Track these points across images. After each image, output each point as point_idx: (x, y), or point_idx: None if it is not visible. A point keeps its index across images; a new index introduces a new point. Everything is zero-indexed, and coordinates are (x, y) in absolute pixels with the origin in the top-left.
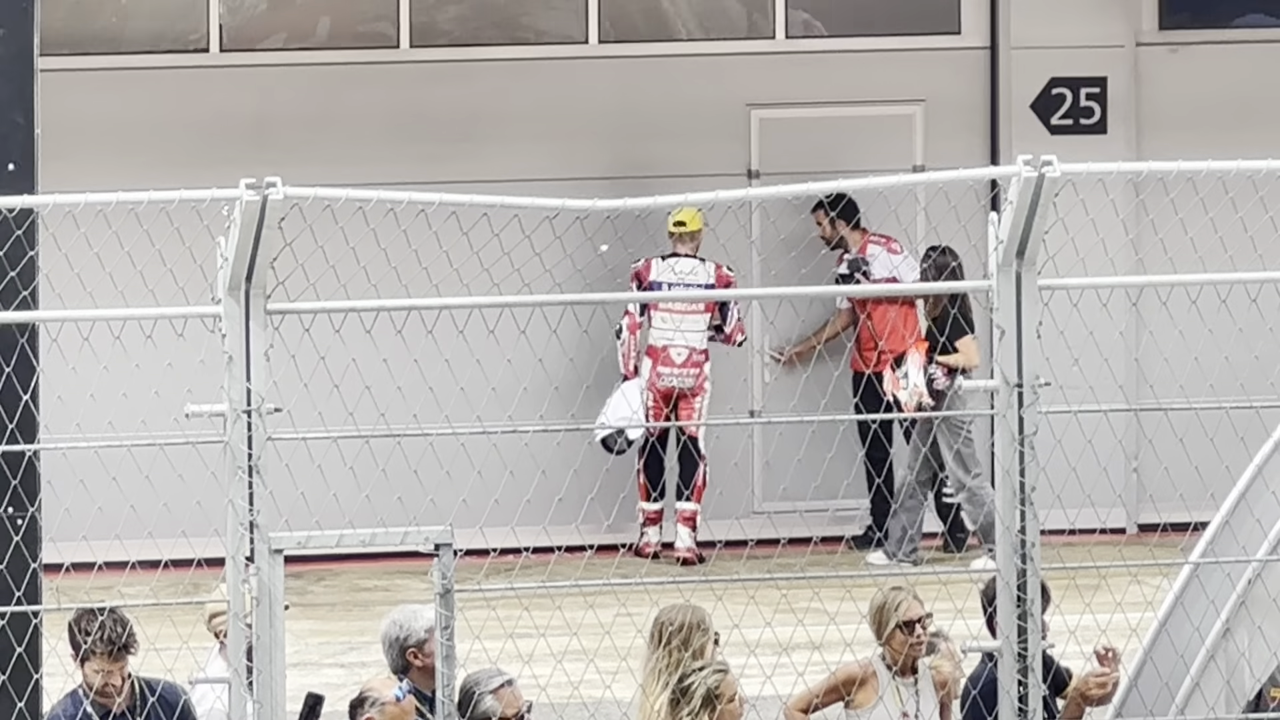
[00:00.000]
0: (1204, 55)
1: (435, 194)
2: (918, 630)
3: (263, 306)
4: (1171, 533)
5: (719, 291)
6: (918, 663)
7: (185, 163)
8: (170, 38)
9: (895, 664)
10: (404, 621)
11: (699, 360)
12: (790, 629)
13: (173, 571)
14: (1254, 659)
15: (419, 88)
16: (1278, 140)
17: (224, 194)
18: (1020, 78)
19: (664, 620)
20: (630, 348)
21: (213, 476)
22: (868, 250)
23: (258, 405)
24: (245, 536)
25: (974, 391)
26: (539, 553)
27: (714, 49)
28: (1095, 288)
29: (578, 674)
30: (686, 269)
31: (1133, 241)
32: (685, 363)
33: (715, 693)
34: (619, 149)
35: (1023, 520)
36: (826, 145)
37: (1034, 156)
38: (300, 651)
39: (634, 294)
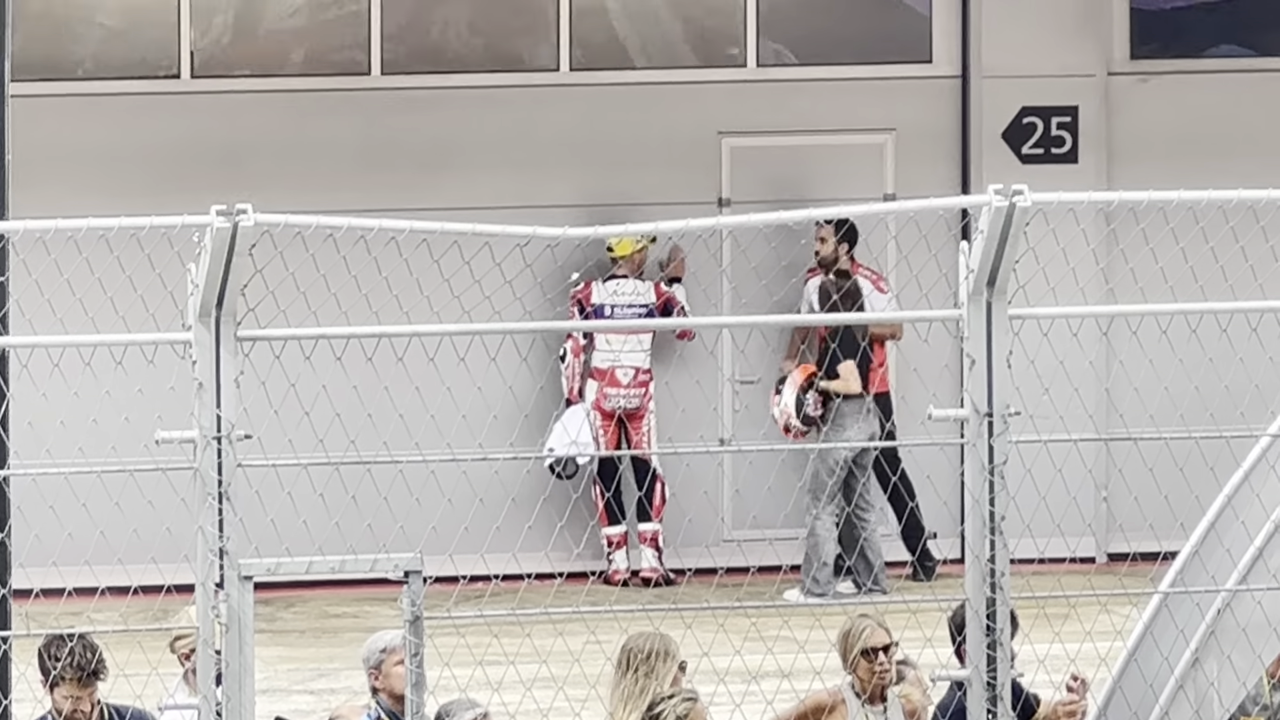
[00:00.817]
0: (1175, 85)
1: (406, 221)
2: (882, 658)
3: (233, 333)
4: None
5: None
6: (887, 691)
7: (156, 189)
8: (142, 64)
9: (864, 692)
10: (370, 643)
11: (645, 380)
12: (759, 657)
13: (142, 598)
14: (1223, 689)
15: (390, 115)
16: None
17: (195, 220)
18: (991, 107)
19: (631, 647)
20: (574, 371)
21: (183, 503)
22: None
23: (228, 432)
24: (215, 563)
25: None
26: (508, 580)
27: (685, 77)
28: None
29: (547, 701)
30: (628, 290)
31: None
32: (632, 383)
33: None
34: (590, 177)
35: (992, 549)
36: (797, 174)
37: (1005, 186)
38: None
39: (602, 323)
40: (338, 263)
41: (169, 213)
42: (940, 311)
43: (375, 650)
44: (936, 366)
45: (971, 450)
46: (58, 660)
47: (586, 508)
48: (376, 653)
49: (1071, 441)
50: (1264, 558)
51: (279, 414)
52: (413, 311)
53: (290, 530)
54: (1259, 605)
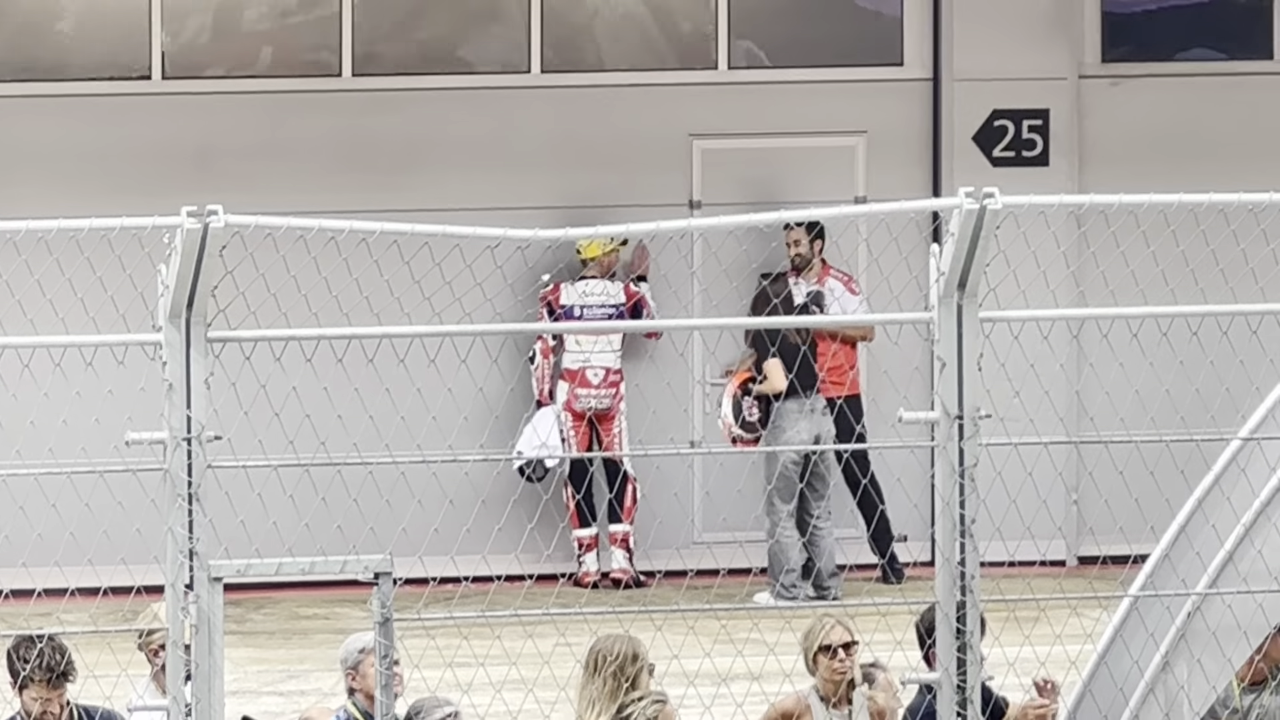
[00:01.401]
0: (1146, 88)
1: (377, 223)
2: (841, 655)
3: (203, 334)
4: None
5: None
6: (853, 695)
7: (127, 190)
8: (113, 65)
9: (828, 695)
10: (348, 643)
11: (615, 380)
12: (729, 659)
13: (112, 599)
14: (1193, 692)
15: (361, 116)
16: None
17: (165, 222)
18: (962, 110)
19: (599, 649)
20: (544, 372)
21: (152, 504)
22: (826, 283)
23: (198, 433)
24: (184, 564)
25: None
26: (478, 582)
27: (656, 79)
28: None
29: (516, 703)
30: (597, 291)
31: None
32: (602, 383)
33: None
34: (561, 179)
35: (962, 552)
36: (768, 176)
37: (976, 188)
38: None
39: (573, 324)
40: (309, 264)
41: (140, 214)
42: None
43: (353, 651)
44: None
45: (942, 453)
46: (26, 661)
47: (556, 509)
48: (355, 653)
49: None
50: (1234, 561)
51: (249, 415)
52: (383, 313)
53: (260, 532)
54: (1229, 609)
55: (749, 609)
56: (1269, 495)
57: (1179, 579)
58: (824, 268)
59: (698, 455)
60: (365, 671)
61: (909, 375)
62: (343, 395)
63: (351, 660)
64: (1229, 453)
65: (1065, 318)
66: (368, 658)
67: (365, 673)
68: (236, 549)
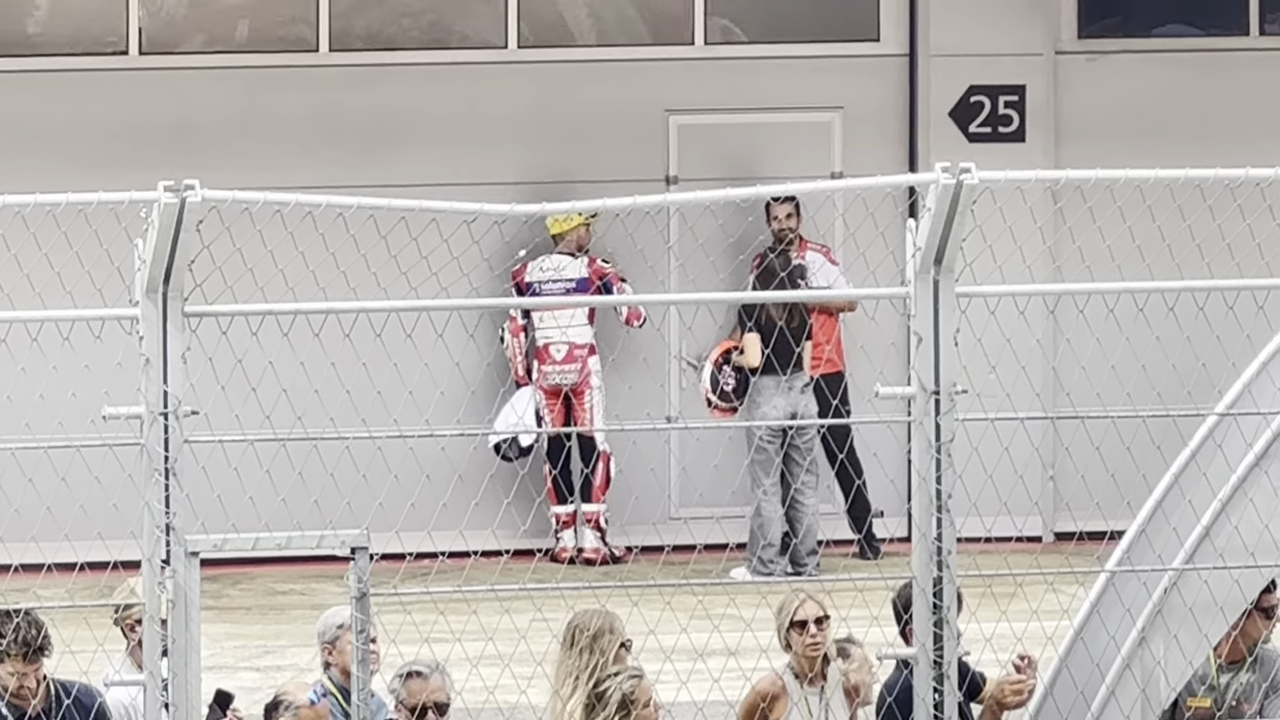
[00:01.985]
0: (1123, 64)
1: (353, 198)
2: (813, 630)
3: (180, 309)
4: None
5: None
6: (828, 671)
7: (103, 165)
8: (89, 40)
9: (802, 672)
10: (326, 617)
11: (580, 355)
12: (706, 635)
13: (89, 574)
14: (1170, 668)
15: (338, 91)
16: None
17: (142, 196)
18: (939, 85)
19: (576, 624)
20: (515, 351)
21: (129, 479)
22: (806, 256)
23: (174, 408)
24: (161, 539)
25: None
26: (455, 557)
27: (633, 54)
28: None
29: (493, 679)
30: (553, 265)
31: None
32: (565, 359)
33: (630, 698)
34: (538, 154)
35: (939, 528)
36: (745, 151)
37: (952, 164)
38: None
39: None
40: (285, 239)
41: (117, 188)
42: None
43: (332, 625)
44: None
45: (918, 428)
46: (2, 636)
47: (533, 485)
48: (333, 628)
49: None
50: (1210, 537)
51: (226, 390)
52: (360, 288)
53: (237, 507)
54: (1205, 584)
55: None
56: (1245, 471)
57: (1155, 555)
58: (801, 243)
59: (674, 431)
60: (343, 647)
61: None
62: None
63: (329, 635)
64: (1205, 428)
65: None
66: (347, 634)
67: (343, 648)
68: (213, 524)
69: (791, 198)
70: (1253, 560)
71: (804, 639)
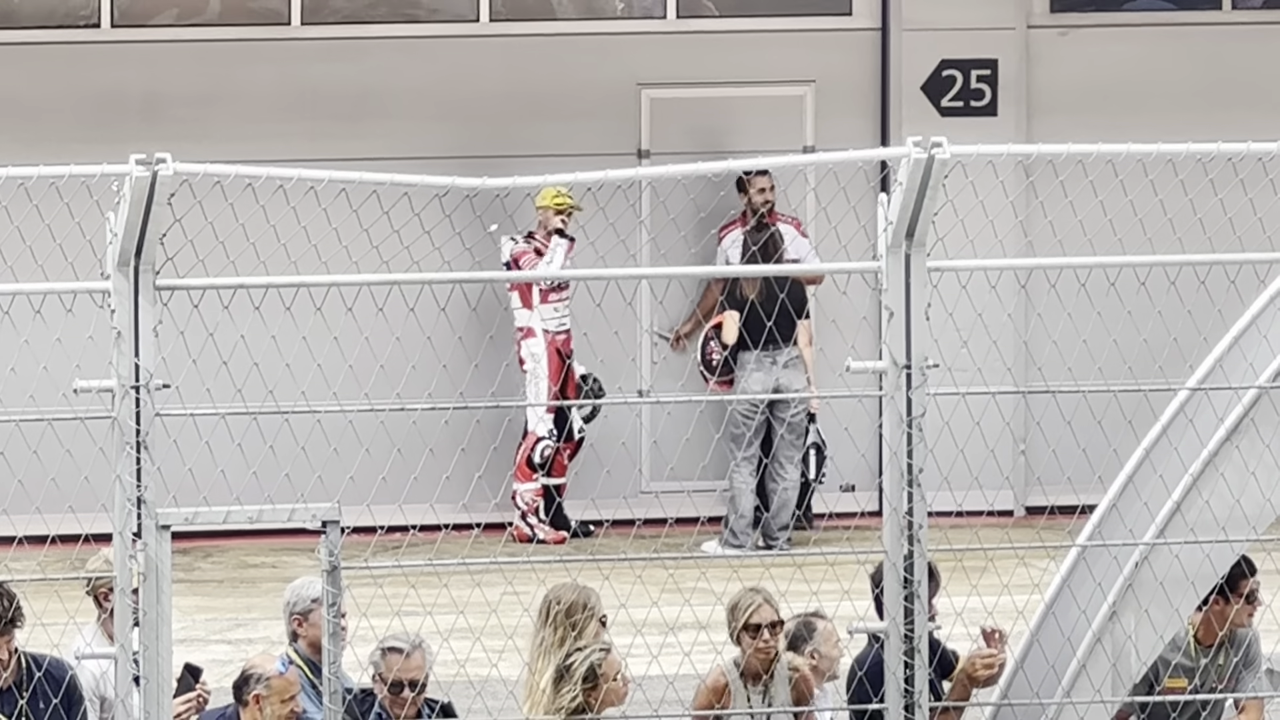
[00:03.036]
0: (1094, 38)
1: (324, 171)
2: (765, 635)
3: (152, 282)
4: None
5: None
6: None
7: (75, 138)
8: (61, 13)
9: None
10: (297, 588)
11: (517, 338)
12: (677, 609)
13: (60, 547)
14: (1140, 642)
15: (310, 65)
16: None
17: (114, 170)
18: (911, 59)
19: (552, 599)
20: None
21: (101, 452)
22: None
23: (146, 381)
24: (133, 512)
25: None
26: (426, 530)
27: (605, 28)
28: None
29: (464, 652)
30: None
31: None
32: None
33: (598, 671)
34: (510, 128)
35: (910, 502)
36: (717, 125)
37: (924, 138)
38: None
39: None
40: (257, 212)
41: (89, 162)
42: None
43: (306, 598)
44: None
45: (890, 402)
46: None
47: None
48: (307, 600)
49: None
50: (1181, 511)
51: (197, 364)
52: (331, 261)
53: (208, 480)
54: (1176, 559)
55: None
56: (1216, 446)
57: (1126, 529)
58: (771, 214)
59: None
60: (315, 620)
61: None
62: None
63: (302, 607)
64: (1176, 403)
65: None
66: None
67: (315, 621)
68: (184, 497)
69: (766, 170)
70: (1224, 535)
71: (756, 642)
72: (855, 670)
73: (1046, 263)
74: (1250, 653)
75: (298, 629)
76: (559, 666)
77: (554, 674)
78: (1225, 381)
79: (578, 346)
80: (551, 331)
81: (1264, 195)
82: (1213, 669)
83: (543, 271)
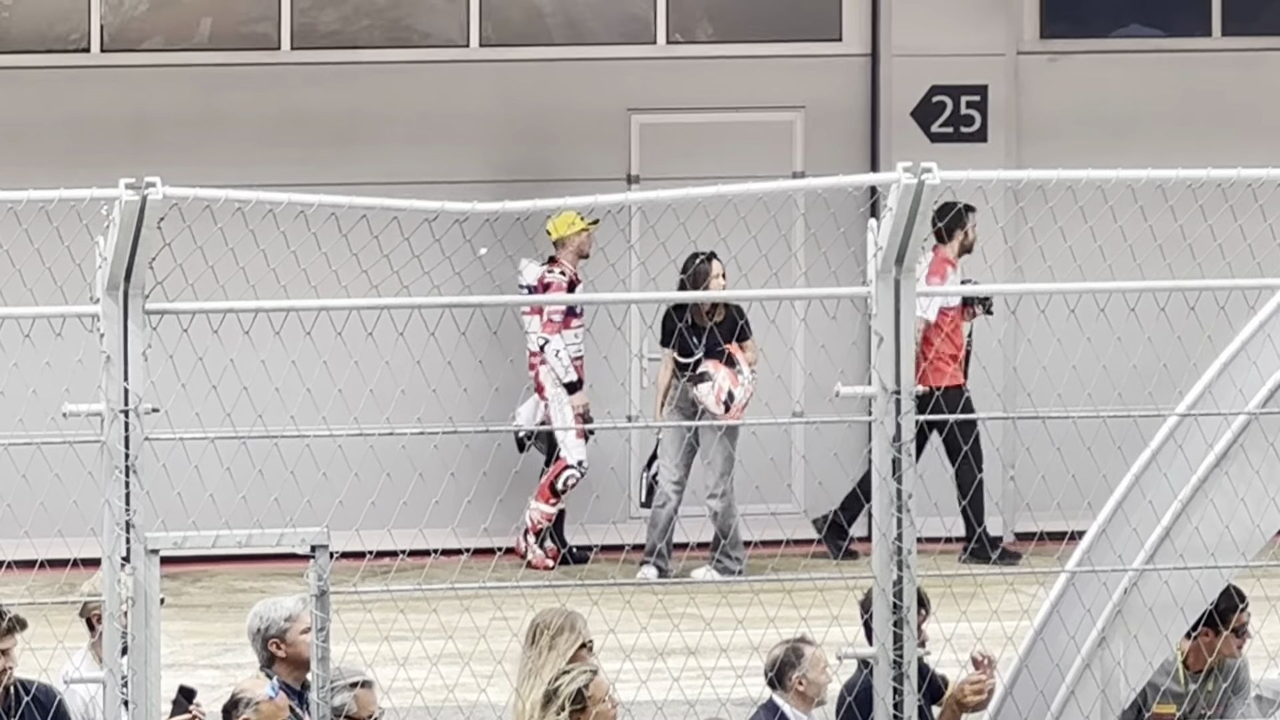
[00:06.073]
0: (1084, 65)
1: (314, 195)
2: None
3: (141, 306)
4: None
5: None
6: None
7: (65, 162)
8: (51, 38)
9: None
10: (264, 613)
11: (534, 363)
12: (666, 634)
13: (49, 571)
14: (1129, 668)
15: (300, 89)
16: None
17: (103, 194)
18: (901, 85)
19: (538, 622)
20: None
21: (90, 476)
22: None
23: (135, 405)
24: (121, 536)
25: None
26: (415, 555)
27: (595, 53)
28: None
29: (453, 677)
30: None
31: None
32: (528, 365)
33: (586, 693)
34: (500, 152)
35: (899, 527)
36: (707, 150)
37: (914, 163)
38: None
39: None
40: (246, 237)
41: (78, 186)
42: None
43: (278, 619)
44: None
45: (879, 427)
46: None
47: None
48: (280, 621)
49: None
50: (1170, 537)
51: (186, 388)
52: (321, 286)
53: (197, 504)
54: (1165, 585)
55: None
56: (1205, 472)
57: (1115, 555)
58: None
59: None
60: (292, 639)
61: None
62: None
63: (276, 629)
64: (1165, 429)
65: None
66: (295, 625)
67: (292, 640)
68: (173, 522)
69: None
70: (1213, 561)
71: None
72: (844, 696)
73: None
74: (1239, 679)
75: (276, 652)
76: (546, 689)
77: (542, 697)
78: (1214, 407)
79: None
80: (570, 356)
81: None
82: (1202, 695)
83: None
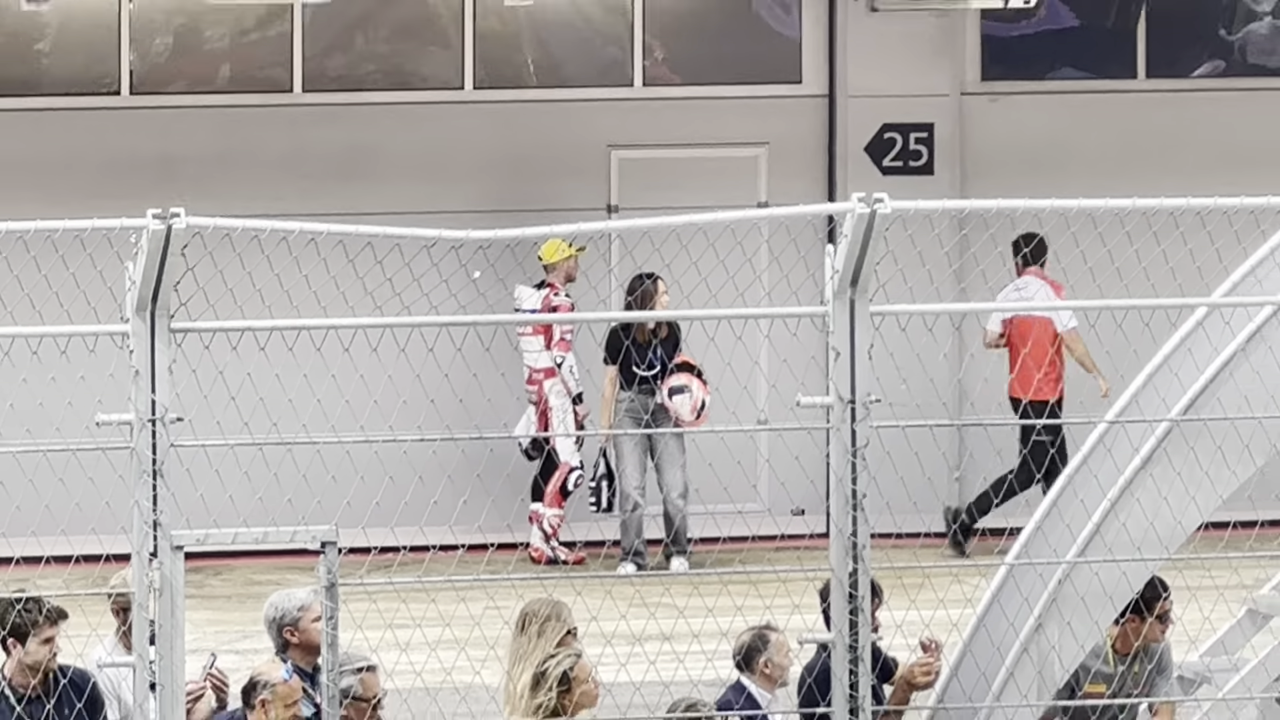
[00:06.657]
0: (1022, 105)
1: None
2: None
3: (167, 325)
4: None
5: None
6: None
7: (97, 195)
8: (85, 81)
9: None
10: (279, 603)
11: (538, 379)
12: (643, 622)
13: (83, 565)
14: (1063, 652)
15: (311, 128)
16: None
17: (132, 223)
18: (855, 123)
19: (528, 611)
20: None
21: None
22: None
23: (161, 415)
24: (149, 534)
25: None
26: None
27: (579, 95)
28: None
29: (450, 661)
30: (520, 295)
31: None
32: (528, 380)
33: (572, 675)
34: (492, 185)
35: (854, 525)
36: (679, 183)
37: (867, 194)
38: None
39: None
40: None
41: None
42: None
43: (291, 609)
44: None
45: (836, 434)
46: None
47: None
48: (293, 610)
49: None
50: (1100, 533)
51: (208, 399)
52: (329, 306)
53: (218, 505)
54: (1096, 576)
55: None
56: (1132, 474)
57: (1051, 549)
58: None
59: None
60: (304, 626)
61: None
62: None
63: (290, 618)
64: (1096, 435)
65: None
66: (307, 614)
67: (304, 627)
68: (197, 520)
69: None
70: (1139, 554)
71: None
72: (805, 677)
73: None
74: (1163, 661)
75: (290, 638)
76: (535, 672)
77: (530, 679)
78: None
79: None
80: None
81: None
82: (1129, 676)
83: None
